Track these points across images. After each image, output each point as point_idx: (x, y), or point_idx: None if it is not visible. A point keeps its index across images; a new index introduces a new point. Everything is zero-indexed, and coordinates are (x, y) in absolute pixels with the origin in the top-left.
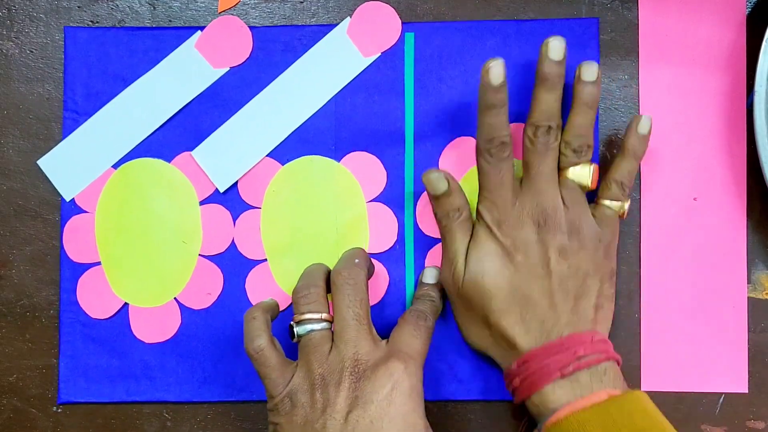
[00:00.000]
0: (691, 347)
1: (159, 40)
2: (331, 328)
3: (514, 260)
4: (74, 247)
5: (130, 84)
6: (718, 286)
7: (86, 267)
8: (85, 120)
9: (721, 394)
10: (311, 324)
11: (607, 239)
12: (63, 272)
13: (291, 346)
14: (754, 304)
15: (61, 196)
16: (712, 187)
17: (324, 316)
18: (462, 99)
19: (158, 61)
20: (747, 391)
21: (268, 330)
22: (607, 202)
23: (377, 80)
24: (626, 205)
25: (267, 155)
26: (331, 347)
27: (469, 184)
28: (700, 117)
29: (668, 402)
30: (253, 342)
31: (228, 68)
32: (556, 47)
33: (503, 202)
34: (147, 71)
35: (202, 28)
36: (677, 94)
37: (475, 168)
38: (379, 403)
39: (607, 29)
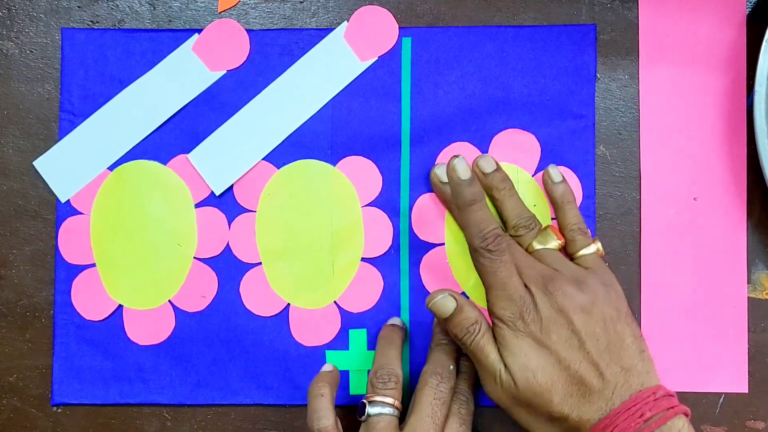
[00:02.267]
0: (691, 347)
1: (156, 42)
2: (398, 416)
3: (549, 344)
4: (69, 249)
5: (126, 86)
6: (718, 286)
7: (81, 268)
8: (82, 121)
9: (721, 394)
10: (384, 407)
11: (608, 280)
12: (58, 273)
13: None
14: (754, 304)
15: (57, 197)
16: (712, 187)
17: (397, 404)
18: (458, 104)
19: (155, 64)
20: (747, 391)
21: (333, 409)
22: (582, 252)
23: (374, 85)
24: (599, 245)
25: (263, 159)
26: None
27: None
28: (700, 117)
29: None
30: (320, 422)
31: (225, 71)
32: (461, 167)
33: (517, 292)
34: (144, 73)
35: (200, 30)
36: (677, 94)
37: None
38: None
39: (607, 29)
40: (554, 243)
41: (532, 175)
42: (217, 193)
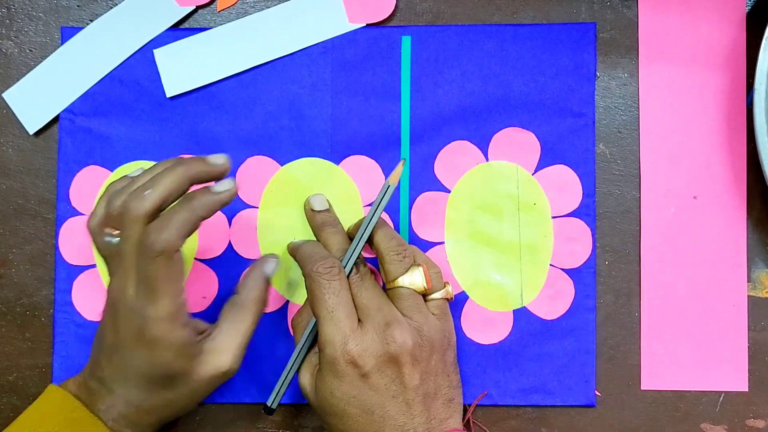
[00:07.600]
0: (691, 346)
1: None
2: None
3: (368, 383)
4: (70, 249)
5: (125, 83)
6: (718, 284)
7: (82, 269)
8: (82, 121)
9: (721, 392)
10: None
11: (448, 329)
12: (58, 273)
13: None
14: (754, 303)
15: (57, 197)
16: (712, 186)
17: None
18: (458, 103)
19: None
20: (747, 390)
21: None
22: (433, 296)
23: (373, 83)
24: (449, 289)
25: (265, 155)
26: None
27: (465, 186)
28: (700, 115)
29: (668, 401)
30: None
31: (194, 6)
32: (318, 201)
33: (345, 325)
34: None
35: None
36: (677, 93)
37: (470, 171)
38: None
39: (606, 27)
40: (420, 282)
41: (532, 174)
42: (168, 95)
